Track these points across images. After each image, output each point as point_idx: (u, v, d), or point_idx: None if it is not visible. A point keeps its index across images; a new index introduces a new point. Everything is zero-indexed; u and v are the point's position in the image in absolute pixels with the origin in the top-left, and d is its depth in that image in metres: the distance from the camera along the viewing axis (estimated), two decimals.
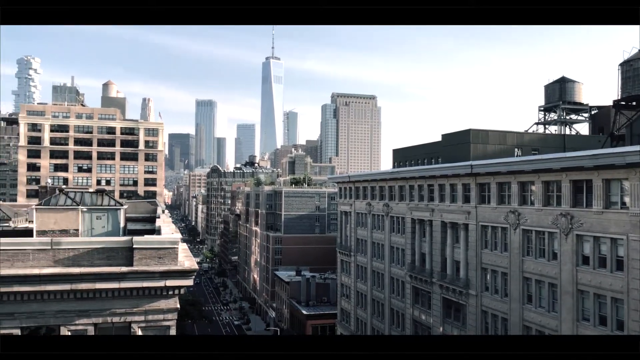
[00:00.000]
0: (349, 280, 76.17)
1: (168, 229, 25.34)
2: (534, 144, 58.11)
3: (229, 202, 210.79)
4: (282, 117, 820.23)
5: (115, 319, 17.29)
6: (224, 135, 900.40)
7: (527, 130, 74.97)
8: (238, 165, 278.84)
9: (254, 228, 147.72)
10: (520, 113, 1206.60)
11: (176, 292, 17.76)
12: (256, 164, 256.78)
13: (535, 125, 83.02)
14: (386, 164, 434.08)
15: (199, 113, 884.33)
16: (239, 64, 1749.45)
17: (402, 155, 73.11)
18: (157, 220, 32.96)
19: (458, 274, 50.16)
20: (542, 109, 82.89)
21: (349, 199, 75.75)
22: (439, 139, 62.97)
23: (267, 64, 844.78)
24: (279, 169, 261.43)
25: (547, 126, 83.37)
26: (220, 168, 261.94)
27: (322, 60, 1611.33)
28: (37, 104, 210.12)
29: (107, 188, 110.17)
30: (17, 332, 16.63)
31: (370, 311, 68.98)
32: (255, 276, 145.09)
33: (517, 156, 53.68)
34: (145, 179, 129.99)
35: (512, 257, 42.57)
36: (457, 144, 57.65)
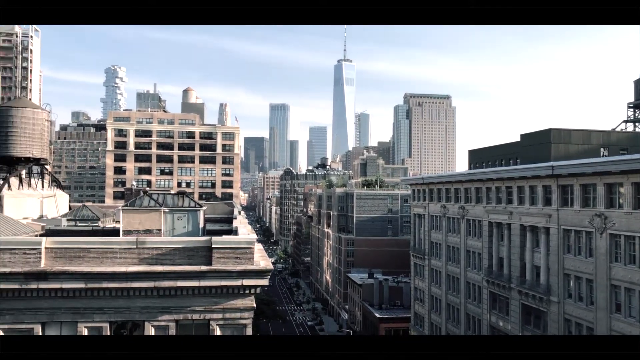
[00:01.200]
0: (422, 284, 74.86)
1: (244, 230, 26.03)
2: (622, 143, 54.47)
3: (302, 203, 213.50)
4: (353, 119, 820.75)
5: (195, 316, 17.95)
6: (296, 138, 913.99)
7: (614, 129, 70.47)
8: (310, 168, 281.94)
9: (326, 230, 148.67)
10: (605, 111, 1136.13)
11: (252, 291, 18.19)
12: (328, 166, 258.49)
13: (623, 123, 77.93)
14: (461, 165, 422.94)
15: (273, 117, 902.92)
16: (311, 68, 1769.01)
17: (478, 156, 70.93)
18: (234, 221, 33.94)
19: (538, 279, 47.94)
20: (632, 105, 77.64)
21: (423, 201, 74.46)
22: (517, 139, 60.52)
23: (339, 67, 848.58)
24: (350, 171, 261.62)
25: (637, 124, 78.03)
26: (293, 170, 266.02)
27: (394, 61, 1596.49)
28: (123, 110, 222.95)
29: (187, 190, 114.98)
30: (106, 325, 17.67)
31: (445, 316, 67.42)
32: (328, 277, 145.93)
33: (603, 156, 50.55)
34: (222, 181, 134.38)
35: (599, 263, 40.11)
36: (537, 144, 55.12)
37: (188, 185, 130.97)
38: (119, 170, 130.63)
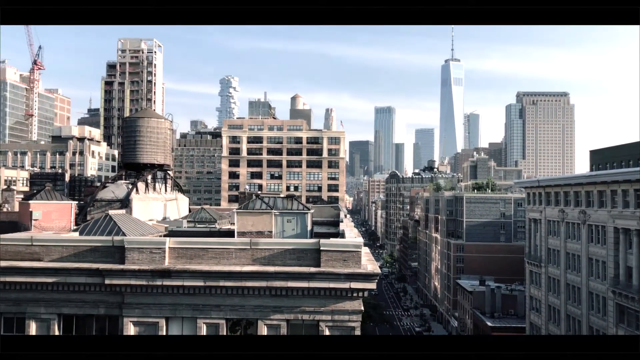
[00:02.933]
0: (539, 293, 70.51)
1: (351, 233, 26.21)
2: None
3: (408, 207, 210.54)
4: (462, 120, 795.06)
5: (305, 317, 18.35)
6: (402, 141, 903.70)
7: None
8: (416, 171, 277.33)
9: (433, 234, 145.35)
10: None
11: (360, 294, 18.23)
12: (435, 169, 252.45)
13: None
14: (581, 167, 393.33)
15: (378, 120, 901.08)
16: (417, 69, 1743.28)
17: (601, 157, 65.56)
18: (341, 224, 34.27)
19: None
20: None
21: (539, 205, 70.22)
22: None
23: (447, 66, 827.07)
24: (459, 174, 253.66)
25: None
26: (398, 174, 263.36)
27: (504, 59, 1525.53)
28: (237, 118, 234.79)
29: (295, 193, 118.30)
30: (223, 322, 18.61)
31: (564, 328, 62.92)
32: (436, 283, 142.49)
33: None
34: (328, 185, 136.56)
35: None
36: None
37: (296, 188, 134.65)
38: (233, 175, 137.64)
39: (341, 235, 26.91)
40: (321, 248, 18.33)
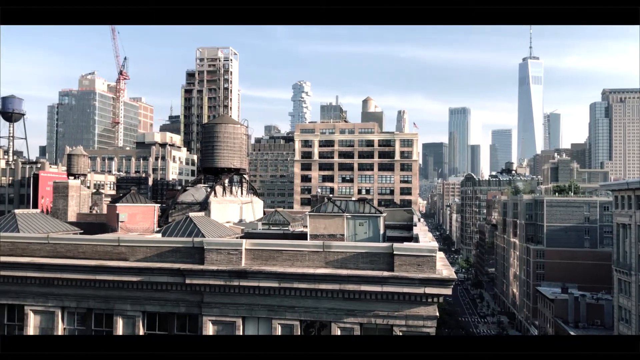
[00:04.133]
0: (629, 303, 66.03)
1: (425, 237, 25.77)
2: None
3: (484, 211, 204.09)
4: (542, 120, 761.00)
5: (379, 321, 18.21)
6: (477, 143, 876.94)
7: None
8: (493, 173, 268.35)
9: (511, 239, 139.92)
10: None
11: (435, 300, 17.87)
12: (513, 171, 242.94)
13: None
14: None
15: (452, 121, 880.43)
16: (492, 68, 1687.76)
17: None
18: (414, 228, 33.79)
19: None
20: None
21: (628, 209, 65.82)
22: None
23: (524, 65, 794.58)
24: (539, 177, 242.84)
25: None
26: (474, 176, 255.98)
27: (586, 56, 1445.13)
28: (308, 122, 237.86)
29: (367, 197, 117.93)
30: (297, 323, 18.86)
31: None
32: (515, 290, 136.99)
33: None
34: (401, 188, 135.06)
35: None
36: None
37: (367, 192, 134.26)
38: (305, 178, 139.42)
39: (415, 239, 26.51)
40: (394, 252, 18.14)
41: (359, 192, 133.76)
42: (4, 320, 21.22)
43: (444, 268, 18.50)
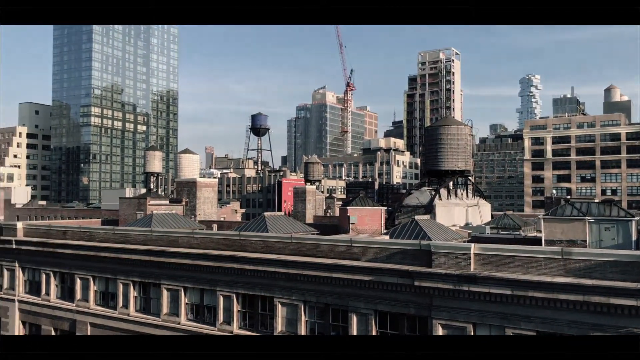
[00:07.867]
0: None
1: None
2: None
3: None
4: None
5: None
6: None
7: None
8: None
9: None
10: None
11: None
12: None
13: None
14: None
15: None
16: None
17: None
18: None
19: None
20: None
21: None
22: None
23: None
24: None
25: None
26: None
27: None
28: (539, 118, 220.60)
29: (613, 198, 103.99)
30: (533, 334, 17.55)
31: None
32: None
33: None
34: None
35: None
36: None
37: (614, 192, 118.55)
38: (537, 179, 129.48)
39: None
40: None
41: (603, 192, 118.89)
42: (258, 309, 24.34)
43: None
